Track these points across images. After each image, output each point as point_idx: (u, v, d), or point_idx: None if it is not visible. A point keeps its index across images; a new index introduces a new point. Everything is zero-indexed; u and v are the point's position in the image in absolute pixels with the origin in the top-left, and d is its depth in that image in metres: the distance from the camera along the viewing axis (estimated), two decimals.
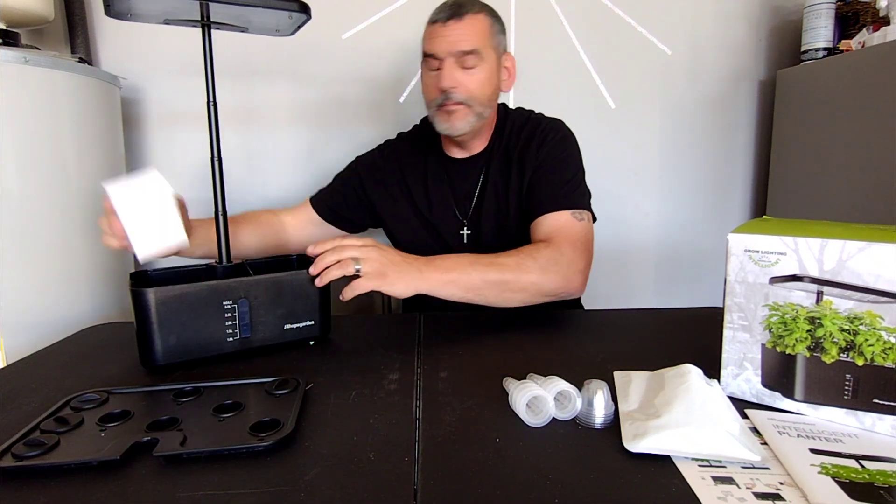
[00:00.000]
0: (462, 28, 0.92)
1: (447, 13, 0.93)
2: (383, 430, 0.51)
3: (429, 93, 0.98)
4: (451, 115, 0.95)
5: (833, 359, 0.49)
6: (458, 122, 0.95)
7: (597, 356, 0.69)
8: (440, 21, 0.93)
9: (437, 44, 0.93)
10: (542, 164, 0.98)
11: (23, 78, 1.02)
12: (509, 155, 1.02)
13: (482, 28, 0.94)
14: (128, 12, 0.72)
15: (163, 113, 1.47)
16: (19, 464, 0.44)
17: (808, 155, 1.44)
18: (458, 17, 0.92)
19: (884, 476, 0.42)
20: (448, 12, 0.93)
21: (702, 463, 0.44)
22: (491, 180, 1.03)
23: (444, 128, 0.97)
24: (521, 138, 1.02)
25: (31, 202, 1.05)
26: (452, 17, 0.92)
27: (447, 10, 0.93)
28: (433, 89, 0.96)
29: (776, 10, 1.59)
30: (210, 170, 0.73)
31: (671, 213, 1.66)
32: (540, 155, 0.99)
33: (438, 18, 0.94)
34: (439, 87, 0.94)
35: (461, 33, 0.92)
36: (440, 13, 0.94)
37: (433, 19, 0.95)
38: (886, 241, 0.46)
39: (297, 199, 1.53)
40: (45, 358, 0.73)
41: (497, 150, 1.04)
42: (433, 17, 0.95)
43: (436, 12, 0.95)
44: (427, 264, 0.77)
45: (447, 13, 0.93)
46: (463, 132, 0.97)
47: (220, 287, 0.67)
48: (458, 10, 0.93)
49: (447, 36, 0.92)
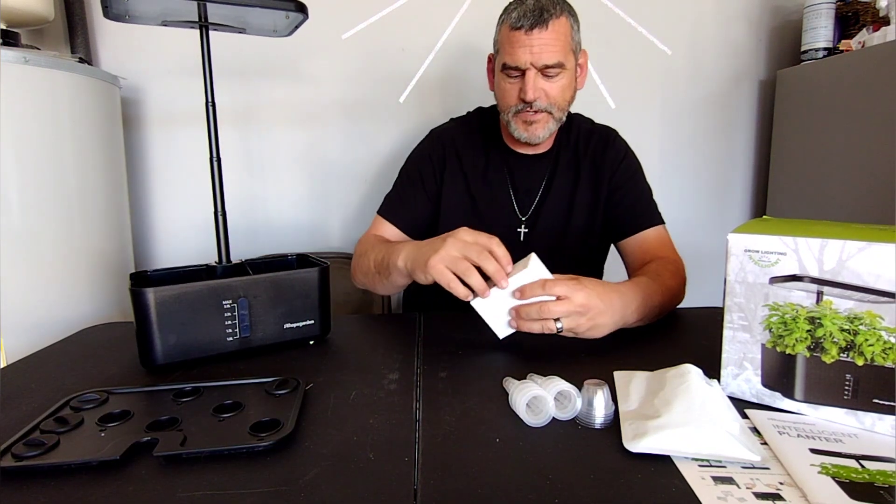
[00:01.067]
0: (547, 38, 0.87)
1: (531, 20, 0.86)
2: (383, 430, 0.51)
3: (507, 99, 0.94)
4: (532, 125, 0.93)
5: (833, 359, 0.49)
6: (538, 131, 0.94)
7: (597, 356, 0.69)
8: (524, 28, 0.87)
9: (521, 54, 0.88)
10: (629, 180, 1.02)
11: (23, 78, 1.02)
12: (578, 158, 1.03)
13: (566, 33, 0.90)
14: (126, 14, 0.72)
15: (163, 113, 1.47)
16: (19, 464, 0.44)
17: (808, 155, 1.44)
18: (542, 25, 0.86)
19: (884, 476, 0.42)
20: (531, 19, 0.86)
21: (702, 463, 0.44)
22: (557, 180, 1.02)
23: (524, 137, 0.95)
24: (592, 145, 1.03)
25: (31, 202, 1.05)
26: (537, 25, 0.86)
27: (530, 16, 0.87)
28: (512, 97, 0.93)
29: (776, 10, 1.59)
30: (209, 170, 0.74)
31: (671, 212, 1.64)
32: (623, 169, 1.02)
33: (522, 25, 0.87)
34: (522, 98, 0.91)
35: (546, 44, 0.87)
36: (523, 19, 0.87)
37: (515, 25, 0.88)
38: (886, 241, 0.46)
39: (297, 199, 1.55)
40: (45, 358, 0.73)
41: (564, 150, 1.04)
42: (515, 23, 0.88)
43: (516, 17, 0.88)
44: (626, 308, 0.74)
45: (531, 20, 0.86)
46: (542, 140, 0.96)
47: (219, 287, 0.67)
48: (542, 16, 0.86)
49: (532, 46, 0.87)
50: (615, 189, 1.02)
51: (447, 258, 0.70)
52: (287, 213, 1.55)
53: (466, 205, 1.03)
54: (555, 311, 0.68)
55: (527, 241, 1.03)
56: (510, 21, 0.89)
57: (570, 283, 0.70)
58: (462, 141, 1.06)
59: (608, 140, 1.04)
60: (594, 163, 1.03)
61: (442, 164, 1.04)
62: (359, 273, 0.98)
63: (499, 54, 0.95)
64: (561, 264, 0.76)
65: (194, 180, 1.50)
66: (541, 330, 0.70)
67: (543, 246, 1.01)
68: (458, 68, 1.50)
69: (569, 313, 0.68)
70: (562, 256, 1.02)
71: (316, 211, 1.56)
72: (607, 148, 1.03)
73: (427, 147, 1.07)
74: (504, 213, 1.03)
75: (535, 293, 0.69)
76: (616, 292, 0.74)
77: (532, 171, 1.03)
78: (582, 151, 1.04)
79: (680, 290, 0.88)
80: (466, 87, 1.52)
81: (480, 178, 1.03)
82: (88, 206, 1.16)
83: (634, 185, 1.03)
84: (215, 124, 0.74)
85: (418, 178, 1.04)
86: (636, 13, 1.52)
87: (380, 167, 1.55)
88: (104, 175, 1.22)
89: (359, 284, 1.00)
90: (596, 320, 0.70)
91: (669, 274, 0.87)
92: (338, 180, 1.55)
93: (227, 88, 1.45)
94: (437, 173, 1.04)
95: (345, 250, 1.56)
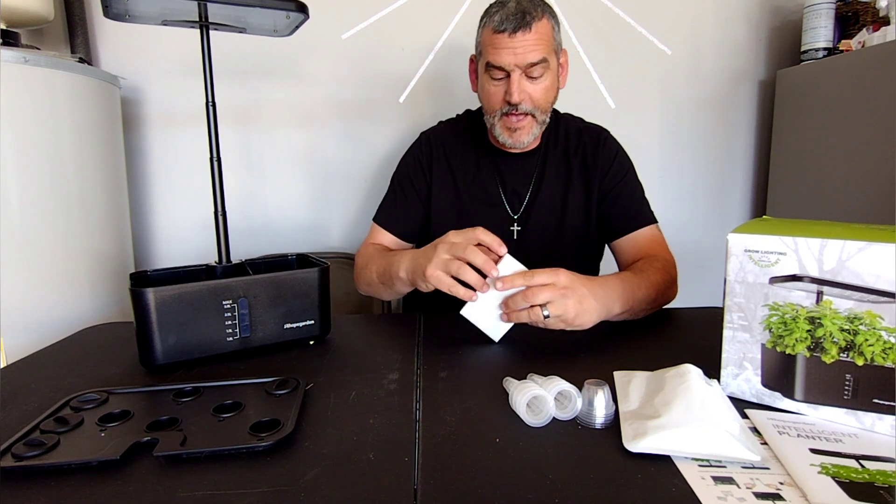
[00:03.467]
0: (530, 40, 0.88)
1: (514, 23, 0.88)
2: (383, 430, 0.51)
3: (491, 102, 0.95)
4: (517, 131, 0.94)
5: (833, 359, 0.49)
6: (523, 137, 0.95)
7: (597, 356, 0.69)
8: (507, 32, 0.88)
9: (504, 56, 0.89)
10: (621, 180, 1.02)
11: (23, 78, 1.02)
12: (569, 157, 1.04)
13: (548, 34, 0.91)
14: (126, 14, 0.72)
15: (163, 113, 1.47)
16: (19, 464, 0.44)
17: (808, 155, 1.44)
18: (525, 28, 0.88)
19: (884, 476, 0.42)
20: (514, 22, 0.88)
21: (702, 463, 0.44)
22: (547, 178, 1.03)
23: (509, 142, 0.96)
24: (582, 143, 1.04)
25: (31, 202, 1.05)
26: (520, 28, 0.87)
27: (513, 19, 0.88)
28: (497, 100, 0.93)
29: (776, 10, 1.59)
30: (209, 170, 0.73)
31: (671, 212, 1.66)
32: (615, 169, 1.02)
33: (504, 28, 0.88)
34: (506, 100, 0.92)
35: (529, 45, 0.88)
36: (506, 22, 0.88)
37: (498, 28, 0.89)
38: (886, 241, 0.46)
39: (296, 199, 1.55)
40: (45, 358, 0.73)
41: (553, 148, 1.04)
42: (498, 26, 0.89)
43: (499, 20, 0.89)
44: (608, 296, 0.75)
45: (514, 23, 0.88)
46: (526, 145, 0.97)
47: (219, 287, 0.67)
48: (525, 19, 0.88)
49: (515, 48, 0.88)
50: (608, 190, 1.02)
51: (440, 263, 0.72)
52: (287, 213, 1.55)
53: (457, 205, 1.04)
54: (540, 295, 0.69)
55: (521, 239, 1.03)
56: (493, 24, 0.90)
57: (550, 270, 0.71)
58: (450, 142, 1.07)
59: (599, 139, 1.05)
60: (585, 162, 1.03)
61: (430, 166, 1.06)
62: (363, 284, 1.00)
63: (482, 56, 0.95)
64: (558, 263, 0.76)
65: (194, 180, 1.50)
66: (528, 319, 0.70)
67: (538, 245, 1.02)
68: (457, 68, 1.50)
69: (554, 296, 0.69)
70: (558, 255, 1.03)
71: (316, 211, 1.56)
72: (598, 147, 1.03)
73: (415, 150, 1.09)
74: (495, 212, 1.03)
75: (517, 283, 0.70)
76: (596, 281, 0.76)
77: (521, 170, 1.04)
78: (572, 150, 1.04)
79: (667, 285, 0.88)
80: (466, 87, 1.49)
81: (470, 178, 1.05)
82: (88, 206, 1.16)
83: (626, 185, 1.03)
84: (215, 124, 0.74)
85: (409, 182, 1.06)
86: (636, 13, 1.52)
87: (380, 167, 1.55)
88: (104, 175, 1.22)
89: (363, 293, 1.02)
90: (583, 304, 0.71)
91: (655, 269, 0.87)
92: (338, 180, 1.55)
93: (227, 88, 1.45)
94: (426, 175, 1.06)
95: (345, 250, 1.56)
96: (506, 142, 0.97)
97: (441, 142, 1.07)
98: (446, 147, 1.06)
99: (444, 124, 1.13)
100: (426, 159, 1.06)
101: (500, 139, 0.97)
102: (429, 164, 1.06)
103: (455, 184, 1.05)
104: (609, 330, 0.82)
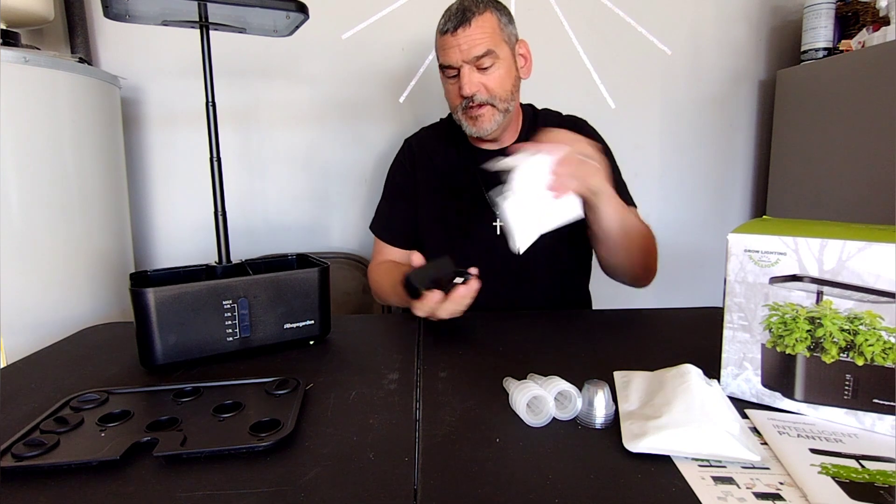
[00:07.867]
0: (472, 33, 0.93)
1: (455, 22, 0.93)
2: (383, 430, 0.51)
3: (452, 100, 1.00)
4: (478, 119, 0.97)
5: (833, 359, 0.49)
6: (485, 125, 0.98)
7: (597, 356, 0.69)
8: (449, 31, 0.94)
9: (451, 54, 0.94)
10: None
11: (23, 78, 1.02)
12: None
13: (491, 27, 0.94)
14: (126, 14, 0.72)
15: (163, 113, 1.47)
16: (19, 464, 0.44)
17: (808, 155, 1.44)
18: (465, 24, 0.92)
19: (884, 476, 0.42)
20: (455, 21, 0.93)
21: (702, 463, 0.44)
22: None
23: (473, 131, 1.00)
24: None
25: (31, 202, 1.05)
26: (461, 25, 0.92)
27: (454, 18, 0.94)
28: (455, 97, 0.99)
29: (776, 10, 1.59)
30: (209, 170, 0.73)
31: (671, 213, 1.66)
32: None
33: (447, 29, 0.94)
34: (461, 94, 0.96)
35: (472, 39, 0.93)
36: (448, 23, 0.94)
37: (442, 30, 0.95)
38: (886, 241, 0.46)
39: (296, 199, 1.55)
40: (45, 358, 0.73)
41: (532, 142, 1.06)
42: (442, 28, 0.95)
43: (444, 22, 0.95)
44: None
45: (455, 22, 0.93)
46: (491, 132, 0.99)
47: (219, 287, 0.67)
48: (465, 15, 0.93)
49: (459, 45, 0.93)
50: None
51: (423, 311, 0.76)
52: (287, 214, 1.55)
53: (441, 204, 1.07)
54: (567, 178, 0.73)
55: (504, 234, 1.04)
56: (440, 27, 0.97)
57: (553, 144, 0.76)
58: (432, 144, 1.12)
59: (576, 126, 1.06)
60: None
61: (414, 168, 1.10)
62: (381, 296, 1.08)
63: (438, 60, 1.00)
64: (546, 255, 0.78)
65: (194, 180, 1.50)
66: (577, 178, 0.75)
67: None
68: None
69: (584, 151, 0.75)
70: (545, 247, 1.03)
71: (316, 211, 1.56)
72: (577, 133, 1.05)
73: (400, 157, 1.14)
74: (477, 209, 1.05)
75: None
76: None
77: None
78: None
79: (651, 243, 0.92)
80: None
81: (452, 177, 1.08)
82: (88, 206, 1.16)
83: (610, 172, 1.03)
84: (215, 124, 0.74)
85: (397, 189, 1.11)
86: (636, 13, 1.52)
87: (380, 167, 1.55)
88: (104, 175, 1.22)
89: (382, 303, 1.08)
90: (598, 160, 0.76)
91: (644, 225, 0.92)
92: (338, 180, 1.55)
93: (227, 88, 1.45)
94: (411, 177, 1.10)
95: (345, 250, 1.56)
96: (470, 132, 1.00)
97: (424, 145, 1.12)
98: (428, 150, 1.11)
99: (426, 129, 1.17)
100: (410, 164, 1.11)
101: (467, 131, 1.01)
102: (413, 167, 1.10)
103: (439, 184, 1.08)
104: (609, 330, 0.82)
